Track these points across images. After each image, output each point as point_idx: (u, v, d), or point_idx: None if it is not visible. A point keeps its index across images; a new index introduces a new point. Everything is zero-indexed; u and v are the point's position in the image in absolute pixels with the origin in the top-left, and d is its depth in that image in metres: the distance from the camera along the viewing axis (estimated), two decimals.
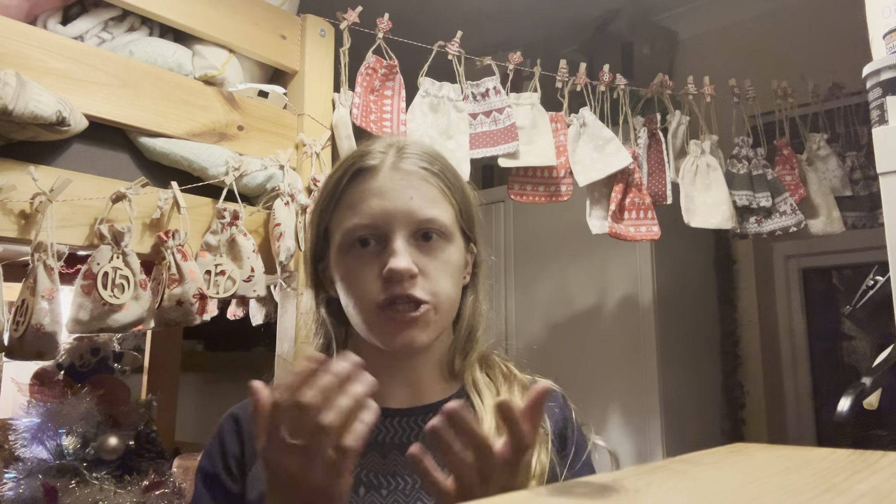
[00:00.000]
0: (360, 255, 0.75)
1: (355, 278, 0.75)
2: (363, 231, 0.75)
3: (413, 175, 0.77)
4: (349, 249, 0.76)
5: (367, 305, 0.74)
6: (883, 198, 1.01)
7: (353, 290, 0.76)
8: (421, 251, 0.75)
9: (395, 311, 0.73)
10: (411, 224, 0.74)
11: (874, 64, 1.08)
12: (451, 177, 0.80)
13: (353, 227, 0.75)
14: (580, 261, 2.31)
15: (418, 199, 0.75)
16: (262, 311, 1.84)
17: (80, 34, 1.23)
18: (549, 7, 2.62)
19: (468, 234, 0.82)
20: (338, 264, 0.78)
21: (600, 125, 1.80)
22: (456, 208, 0.79)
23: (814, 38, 2.33)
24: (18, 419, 1.52)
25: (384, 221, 0.74)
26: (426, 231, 0.75)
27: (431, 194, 0.77)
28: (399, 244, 0.73)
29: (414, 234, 0.75)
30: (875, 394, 1.29)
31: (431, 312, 0.74)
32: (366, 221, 0.75)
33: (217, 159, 1.32)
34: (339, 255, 0.77)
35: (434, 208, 0.76)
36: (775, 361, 2.46)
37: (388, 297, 0.73)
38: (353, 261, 0.76)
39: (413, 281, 0.73)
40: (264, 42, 1.47)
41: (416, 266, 0.73)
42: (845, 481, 0.35)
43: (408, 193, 0.75)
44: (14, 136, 1.07)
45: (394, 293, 0.72)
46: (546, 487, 0.35)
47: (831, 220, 1.95)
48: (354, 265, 0.75)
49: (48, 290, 1.06)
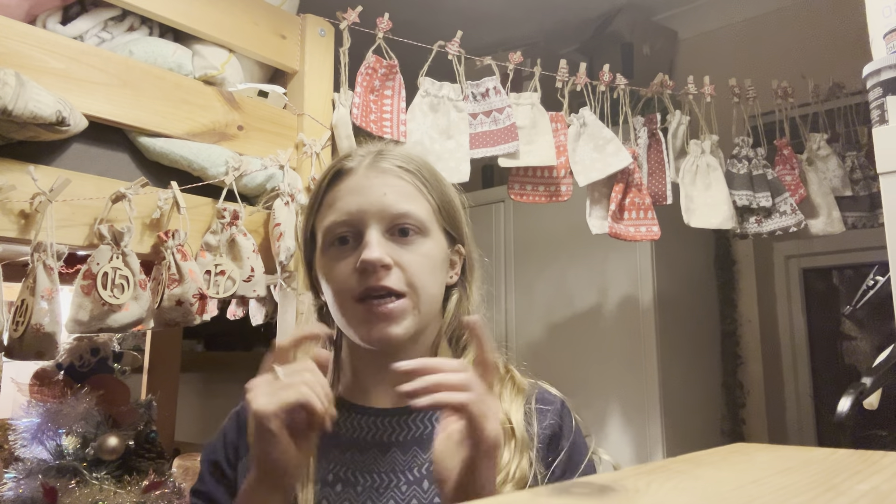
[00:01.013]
0: (338, 253, 0.77)
1: (334, 275, 0.77)
2: (340, 228, 0.77)
3: (388, 173, 0.79)
4: (329, 248, 0.78)
5: (344, 300, 0.76)
6: (883, 198, 1.01)
7: (332, 285, 0.77)
8: (398, 245, 0.76)
9: (370, 303, 0.74)
10: (385, 219, 0.76)
11: (874, 64, 1.08)
12: (428, 175, 0.82)
13: (330, 225, 0.77)
14: (580, 261, 2.31)
15: (392, 194, 0.77)
16: (262, 311, 1.84)
17: (79, 34, 1.23)
18: (549, 7, 2.62)
19: (451, 232, 0.83)
20: (320, 264, 0.80)
21: (600, 125, 1.80)
22: (433, 205, 0.80)
23: (814, 38, 2.33)
24: (18, 419, 1.52)
25: (359, 217, 0.76)
26: (402, 226, 0.77)
27: (406, 190, 0.79)
28: (372, 237, 0.75)
29: (389, 229, 0.76)
30: (875, 394, 1.29)
31: (408, 305, 0.75)
32: (342, 218, 0.77)
33: (217, 159, 1.32)
34: (322, 256, 0.80)
35: (408, 203, 0.77)
36: (775, 361, 2.46)
37: (363, 289, 0.74)
38: (333, 259, 0.78)
39: (387, 272, 0.74)
40: (264, 42, 1.47)
41: (390, 258, 0.74)
42: (845, 481, 0.35)
43: (381, 190, 0.77)
44: (14, 135, 1.07)
45: (368, 285, 0.74)
46: (546, 487, 0.35)
47: (831, 220, 1.94)
48: (333, 263, 0.77)
49: (48, 290, 1.06)
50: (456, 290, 0.84)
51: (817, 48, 2.30)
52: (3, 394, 1.91)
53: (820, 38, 2.30)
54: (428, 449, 0.76)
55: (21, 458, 1.48)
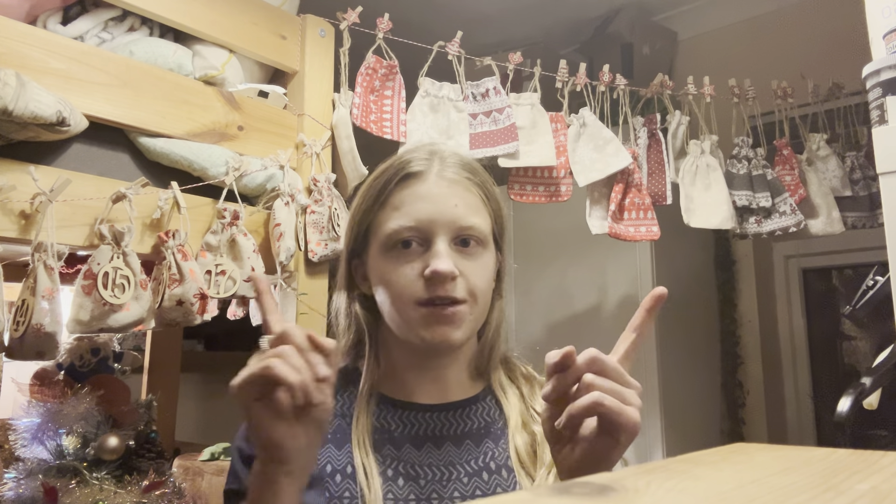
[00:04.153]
0: (401, 255, 0.78)
1: (396, 277, 0.78)
2: (408, 233, 0.78)
3: (458, 184, 0.81)
4: (391, 249, 0.79)
5: (406, 303, 0.77)
6: (883, 198, 1.01)
7: (392, 287, 0.78)
8: (460, 255, 0.78)
9: (433, 307, 0.76)
10: (453, 230, 0.78)
11: (874, 64, 1.08)
12: (490, 188, 0.85)
13: (398, 229, 0.78)
14: (580, 261, 2.31)
15: (462, 206, 0.79)
16: None
17: (80, 34, 1.23)
18: (549, 7, 2.62)
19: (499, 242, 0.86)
20: (377, 263, 0.81)
21: (600, 125, 1.80)
22: (492, 217, 0.84)
23: (814, 38, 2.34)
24: (18, 419, 1.52)
25: (429, 225, 0.78)
26: (465, 237, 0.79)
27: (473, 203, 0.81)
28: (442, 247, 0.77)
29: (454, 239, 0.78)
30: (875, 394, 1.29)
31: (467, 311, 0.78)
32: (411, 224, 0.78)
33: (217, 159, 1.32)
34: (380, 254, 0.80)
35: (475, 216, 0.80)
36: (775, 361, 2.46)
37: (429, 297, 0.76)
38: (395, 260, 0.79)
39: (454, 283, 0.76)
40: (264, 42, 1.47)
41: (457, 269, 0.76)
42: (845, 481, 0.35)
43: (452, 201, 0.79)
44: (14, 136, 1.07)
45: (435, 294, 0.76)
46: (546, 487, 0.35)
47: (831, 220, 1.95)
48: (396, 264, 0.78)
49: (48, 290, 1.06)
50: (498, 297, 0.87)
51: (817, 48, 2.30)
52: (3, 394, 1.91)
53: (820, 38, 2.30)
54: (480, 442, 0.80)
55: (21, 457, 1.48)
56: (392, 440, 0.79)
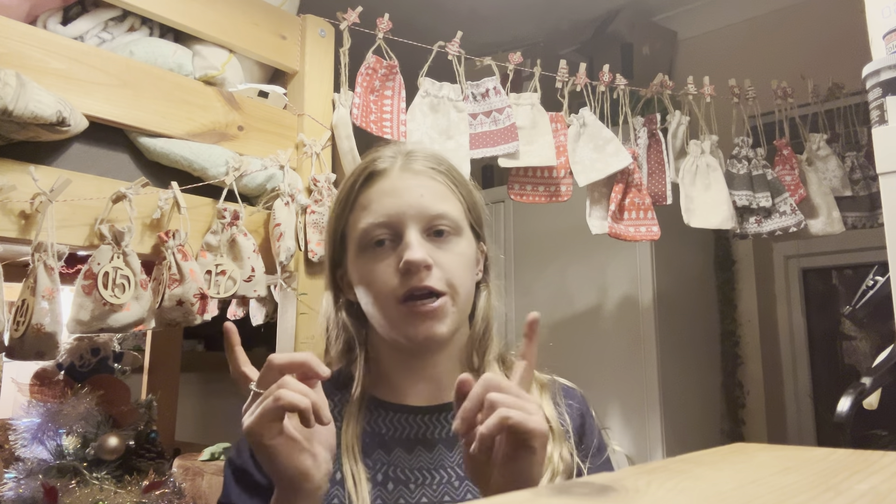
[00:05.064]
0: (376, 254, 0.78)
1: (374, 276, 0.78)
2: (378, 230, 0.77)
3: (422, 174, 0.80)
4: (365, 250, 0.79)
5: (386, 301, 0.77)
6: (883, 198, 1.01)
7: (372, 288, 0.78)
8: (434, 245, 0.78)
9: (413, 304, 0.75)
10: (423, 219, 0.77)
11: (874, 64, 1.08)
12: (458, 175, 0.84)
13: (368, 227, 0.78)
14: (580, 261, 2.31)
15: (428, 195, 0.78)
16: (263, 311, 1.84)
17: (80, 34, 1.23)
18: (549, 7, 2.62)
19: (477, 230, 0.85)
20: (355, 266, 0.80)
21: (600, 125, 1.80)
22: (464, 204, 0.83)
23: (814, 38, 2.34)
24: (18, 419, 1.52)
25: (397, 219, 0.77)
26: (438, 227, 0.78)
27: (440, 191, 0.80)
28: (413, 237, 0.76)
29: (426, 229, 0.78)
30: (875, 394, 1.29)
31: (449, 303, 0.77)
32: (380, 220, 0.77)
33: (217, 159, 1.32)
34: (357, 257, 0.80)
35: (443, 203, 0.79)
36: (775, 361, 2.46)
37: (407, 290, 0.75)
38: (371, 260, 0.78)
39: (429, 272, 0.75)
40: (264, 42, 1.47)
41: (430, 258, 0.76)
42: (845, 481, 0.35)
43: (418, 191, 0.78)
44: (14, 136, 1.07)
45: (412, 285, 0.75)
46: (546, 487, 0.36)
47: (831, 220, 1.95)
48: (372, 264, 0.78)
49: (48, 290, 1.06)
50: (484, 288, 0.86)
51: (817, 48, 2.30)
52: (3, 394, 1.91)
53: (820, 38, 2.30)
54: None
55: (21, 457, 1.48)
56: (383, 444, 0.78)
